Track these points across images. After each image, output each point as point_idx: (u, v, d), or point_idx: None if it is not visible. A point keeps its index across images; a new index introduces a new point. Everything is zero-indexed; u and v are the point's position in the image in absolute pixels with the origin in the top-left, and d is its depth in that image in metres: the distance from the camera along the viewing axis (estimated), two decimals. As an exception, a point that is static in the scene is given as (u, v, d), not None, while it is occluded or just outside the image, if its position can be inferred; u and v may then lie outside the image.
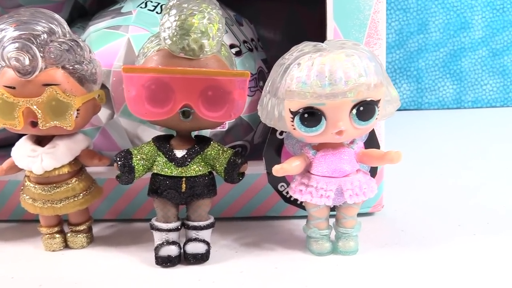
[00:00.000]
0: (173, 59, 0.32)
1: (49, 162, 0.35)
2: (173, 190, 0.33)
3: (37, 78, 0.33)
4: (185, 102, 0.32)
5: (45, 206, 0.36)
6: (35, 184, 0.36)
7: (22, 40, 0.32)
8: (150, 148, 0.34)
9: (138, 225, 0.42)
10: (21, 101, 0.33)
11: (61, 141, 0.36)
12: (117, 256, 0.37)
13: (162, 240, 0.34)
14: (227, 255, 0.36)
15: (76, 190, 0.37)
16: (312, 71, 0.30)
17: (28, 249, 0.39)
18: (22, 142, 0.36)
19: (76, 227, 0.38)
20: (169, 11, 0.31)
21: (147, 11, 0.42)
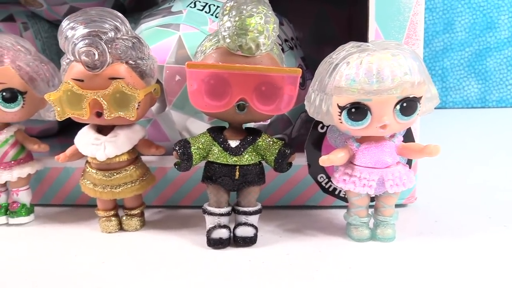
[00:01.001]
0: (230, 56, 0.34)
1: (111, 150, 0.38)
2: (227, 177, 0.36)
3: (104, 72, 0.36)
4: (241, 96, 0.34)
5: (105, 190, 0.39)
6: (97, 170, 0.39)
7: (92, 37, 0.35)
8: (206, 138, 0.37)
9: (184, 211, 0.45)
10: (89, 93, 0.36)
11: (121, 131, 0.39)
12: (169, 239, 0.40)
13: (214, 224, 0.37)
14: (272, 240, 0.39)
15: (133, 177, 0.40)
16: (360, 69, 0.33)
17: (85, 230, 0.42)
18: (85, 131, 0.39)
19: (130, 211, 0.41)
20: (229, 12, 0.34)
21: (197, 11, 0.45)
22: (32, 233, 0.42)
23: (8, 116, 0.41)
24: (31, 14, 0.64)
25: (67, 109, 0.37)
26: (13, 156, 0.43)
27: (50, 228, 0.43)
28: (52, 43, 0.67)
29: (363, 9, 0.42)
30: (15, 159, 0.43)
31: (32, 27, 0.64)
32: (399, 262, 0.35)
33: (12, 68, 0.40)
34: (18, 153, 0.43)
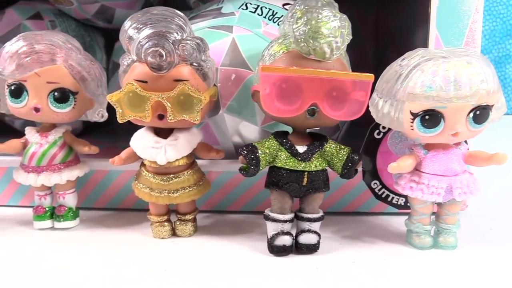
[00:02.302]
0: (302, 60, 0.34)
1: (172, 153, 0.37)
2: (295, 183, 0.35)
3: (169, 73, 0.35)
4: (313, 101, 0.34)
5: (162, 195, 0.38)
6: (154, 174, 0.38)
7: (158, 37, 0.34)
8: (272, 143, 0.36)
9: (234, 216, 0.45)
10: (153, 95, 0.35)
11: (181, 134, 0.38)
12: (226, 245, 0.39)
13: (278, 231, 0.36)
14: (333, 247, 0.38)
15: (190, 181, 0.39)
16: (437, 77, 0.32)
17: (136, 236, 0.41)
18: (142, 134, 0.38)
19: (184, 216, 0.40)
20: (302, 15, 0.33)
21: (249, 13, 0.44)
22: (81, 237, 0.41)
23: (58, 117, 0.40)
24: (58, 12, 0.63)
25: (128, 110, 0.36)
26: (62, 158, 0.41)
27: (99, 233, 0.41)
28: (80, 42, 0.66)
29: (395, 12, 0.41)
30: (64, 161, 0.41)
31: (60, 25, 0.62)
32: (464, 271, 0.35)
33: (64, 67, 0.39)
34: (67, 155, 0.42)
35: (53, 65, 0.39)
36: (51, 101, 0.39)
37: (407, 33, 0.51)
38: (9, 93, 0.39)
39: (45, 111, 0.39)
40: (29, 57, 0.38)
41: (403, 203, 0.44)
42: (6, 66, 0.39)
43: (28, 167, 0.41)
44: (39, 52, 0.38)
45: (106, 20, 0.63)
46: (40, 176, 0.40)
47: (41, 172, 0.41)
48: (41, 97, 0.39)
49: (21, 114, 0.40)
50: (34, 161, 0.40)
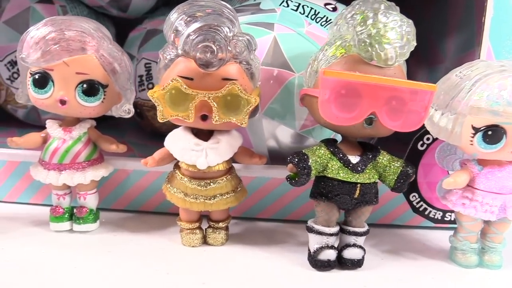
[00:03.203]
0: (363, 66, 0.32)
1: (213, 157, 0.34)
2: (346, 195, 0.33)
3: (218, 71, 0.32)
4: (372, 109, 0.32)
5: (197, 201, 0.36)
6: (190, 178, 0.35)
7: (210, 31, 0.31)
8: (324, 152, 0.34)
9: (263, 224, 0.42)
10: (199, 94, 0.33)
11: (222, 137, 0.35)
12: (263, 256, 0.37)
13: (322, 244, 0.34)
14: (375, 262, 0.36)
15: (228, 188, 0.36)
16: (504, 91, 0.31)
17: (163, 242, 0.38)
18: (180, 134, 0.35)
19: (217, 224, 0.38)
20: (365, 18, 0.31)
21: (291, 11, 0.42)
22: (103, 242, 0.38)
23: (85, 111, 0.37)
24: (70, -3, 0.59)
25: (168, 109, 0.33)
26: (87, 156, 0.38)
27: (122, 237, 0.38)
28: (90, 30, 0.62)
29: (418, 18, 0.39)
30: (88, 159, 0.38)
31: (71, 11, 0.58)
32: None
33: (95, 58, 0.36)
34: (91, 153, 0.38)
35: (83, 55, 0.35)
36: (79, 93, 0.36)
37: (434, 41, 0.50)
38: (32, 82, 0.36)
39: (71, 104, 0.36)
40: (58, 44, 0.35)
41: (440, 217, 0.42)
42: (30, 53, 0.35)
43: (49, 164, 0.37)
44: (69, 39, 0.35)
45: (120, 9, 0.60)
46: (62, 174, 0.37)
47: (64, 170, 0.37)
48: (69, 89, 0.36)
49: (44, 105, 0.37)
50: (56, 157, 0.37)
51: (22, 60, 0.36)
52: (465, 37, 0.44)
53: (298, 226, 0.42)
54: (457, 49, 0.47)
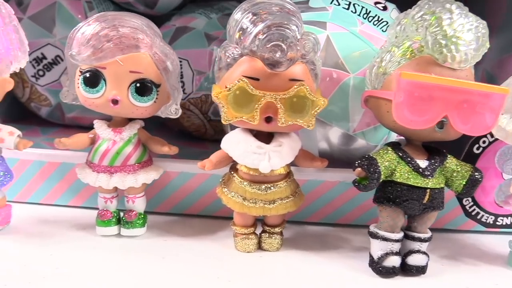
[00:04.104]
0: (435, 67, 0.31)
1: (276, 161, 0.33)
2: (416, 200, 0.32)
3: (285, 72, 0.31)
4: (445, 113, 0.31)
5: (256, 205, 0.34)
6: (250, 182, 0.34)
7: (280, 30, 0.30)
8: (392, 156, 0.33)
9: (312, 228, 0.41)
10: (266, 95, 0.31)
11: (284, 139, 0.34)
12: (318, 261, 0.35)
13: (387, 250, 0.33)
14: (437, 268, 0.35)
15: (287, 192, 0.35)
16: None
17: (216, 247, 0.37)
18: (241, 137, 0.34)
19: (273, 229, 0.36)
20: (440, 19, 0.30)
21: (343, 9, 0.41)
22: (153, 247, 0.36)
23: (137, 112, 0.35)
24: (96, -7, 0.57)
25: (231, 111, 0.32)
26: (137, 158, 0.36)
27: (172, 242, 0.37)
28: (116, 26, 0.60)
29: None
30: (139, 161, 0.36)
31: (97, 7, 0.56)
32: None
33: (149, 56, 0.34)
34: (142, 155, 0.37)
35: (137, 52, 0.34)
36: (132, 93, 0.34)
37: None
38: (83, 81, 0.34)
39: (124, 104, 0.34)
40: (111, 41, 0.33)
41: (492, 221, 0.42)
42: (81, 50, 0.34)
43: (98, 166, 0.36)
44: (122, 36, 0.33)
45: (148, 5, 0.58)
46: (113, 177, 0.36)
47: (114, 173, 0.36)
48: (121, 88, 0.34)
49: (94, 105, 0.35)
50: (106, 160, 0.36)
51: (71, 58, 0.34)
52: (508, 38, 0.44)
53: (348, 230, 0.41)
54: (497, 50, 0.46)
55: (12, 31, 0.36)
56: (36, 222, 0.39)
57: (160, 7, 0.59)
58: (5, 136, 0.35)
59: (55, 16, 0.54)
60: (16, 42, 0.36)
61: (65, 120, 0.60)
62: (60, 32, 0.54)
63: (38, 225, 0.39)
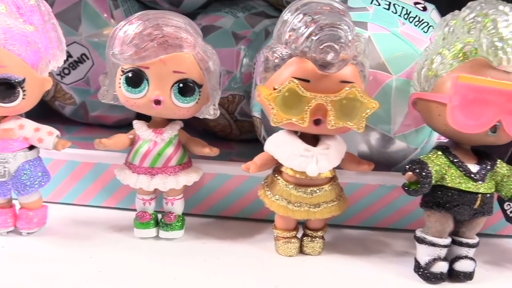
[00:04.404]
0: (490, 71, 0.30)
1: (324, 164, 0.32)
2: (467, 205, 0.32)
3: (336, 73, 0.31)
4: (500, 117, 0.30)
5: (301, 209, 0.34)
6: (295, 185, 0.33)
7: (333, 31, 0.29)
8: (442, 160, 0.32)
9: (350, 232, 0.40)
10: (317, 97, 0.31)
11: (331, 142, 0.33)
12: (362, 266, 0.35)
13: (435, 256, 0.33)
14: (482, 274, 0.35)
15: (332, 196, 0.34)
16: None
17: (257, 251, 0.36)
18: (287, 139, 0.33)
19: (316, 233, 0.36)
20: (496, 22, 0.29)
21: (384, 10, 0.40)
22: (193, 250, 0.35)
23: (179, 112, 0.34)
24: (122, -9, 0.57)
25: (280, 113, 0.31)
26: (178, 159, 0.36)
27: (212, 245, 0.36)
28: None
29: None
30: (180, 163, 0.36)
31: (122, 5, 0.56)
32: None
33: (192, 56, 0.34)
34: (183, 157, 0.36)
35: (180, 52, 0.33)
36: (175, 93, 0.34)
37: None
38: (125, 81, 0.34)
39: (166, 104, 0.34)
40: (155, 40, 0.32)
41: (532, 226, 0.41)
42: (124, 49, 0.33)
43: (139, 167, 0.35)
44: (165, 35, 0.33)
45: (173, 4, 0.57)
46: (154, 179, 0.35)
47: (156, 175, 0.35)
48: (164, 88, 0.34)
49: (135, 106, 0.34)
50: (147, 161, 0.35)
51: (113, 57, 0.34)
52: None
53: (387, 234, 0.40)
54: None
55: (51, 29, 0.35)
56: (71, 223, 0.39)
57: (185, 6, 0.58)
58: (44, 136, 0.35)
59: (81, 14, 0.54)
60: (55, 40, 0.36)
61: (89, 119, 0.59)
62: (86, 30, 0.53)
63: (74, 226, 0.38)
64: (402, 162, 0.40)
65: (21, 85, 0.32)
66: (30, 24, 0.34)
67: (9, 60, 0.32)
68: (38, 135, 0.35)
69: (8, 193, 0.35)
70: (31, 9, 0.34)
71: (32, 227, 0.36)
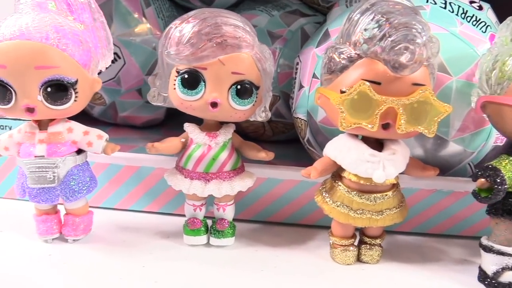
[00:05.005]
0: None
1: (391, 170, 0.31)
2: (537, 213, 0.31)
3: (409, 76, 0.29)
4: None
5: (363, 216, 0.32)
6: (358, 192, 0.32)
7: (409, 30, 0.28)
8: (513, 165, 0.31)
9: (403, 238, 0.39)
10: (388, 100, 0.29)
11: (396, 147, 0.32)
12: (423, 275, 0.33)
13: (503, 265, 0.31)
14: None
15: (394, 202, 0.33)
16: None
17: (313, 258, 0.35)
18: (351, 144, 0.32)
19: (374, 240, 0.34)
20: None
21: (440, 9, 0.39)
22: (249, 259, 0.34)
23: (236, 115, 0.33)
24: (153, -11, 0.55)
25: (348, 116, 0.30)
26: (233, 164, 0.34)
27: (265, 253, 0.35)
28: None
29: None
30: (234, 168, 0.34)
31: (154, 3, 0.54)
32: None
33: (251, 56, 0.32)
34: (237, 161, 0.35)
35: (239, 53, 0.32)
36: (232, 95, 0.32)
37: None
38: (181, 82, 0.32)
39: (223, 107, 0.32)
40: (213, 40, 0.31)
41: None
42: (180, 49, 0.31)
43: (193, 173, 0.34)
44: (224, 35, 0.31)
45: (205, 2, 0.56)
46: (208, 184, 0.34)
47: (210, 180, 0.34)
48: (222, 90, 0.32)
49: (191, 108, 0.33)
50: (202, 166, 0.33)
51: (169, 58, 0.32)
52: None
53: (442, 241, 0.39)
54: None
55: (101, 28, 0.34)
56: (115, 229, 0.38)
57: (217, 3, 0.57)
58: (93, 139, 0.33)
59: (112, 12, 0.52)
60: (104, 40, 0.34)
61: (117, 120, 0.58)
62: (117, 29, 0.51)
63: (118, 232, 0.37)
64: (457, 167, 0.39)
65: (74, 86, 0.31)
66: (81, 23, 0.33)
67: (62, 60, 0.30)
68: (88, 139, 0.33)
69: (56, 199, 0.33)
70: (82, 7, 0.32)
71: (79, 234, 0.35)
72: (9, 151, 0.34)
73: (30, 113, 0.31)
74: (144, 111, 0.57)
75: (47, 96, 0.31)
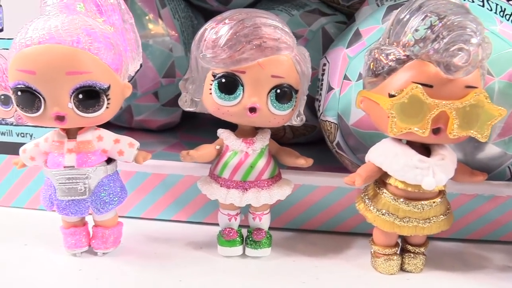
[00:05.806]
0: None
1: (441, 176, 0.30)
2: None
3: (462, 78, 0.28)
4: None
5: (409, 225, 0.31)
6: (406, 199, 0.31)
7: (464, 30, 0.27)
8: None
9: (441, 244, 0.37)
10: (441, 104, 0.28)
11: (445, 152, 0.30)
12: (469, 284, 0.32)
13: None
14: None
15: (442, 210, 0.32)
16: None
17: (354, 269, 0.33)
18: (397, 149, 0.30)
19: (418, 249, 0.33)
20: None
21: (479, 7, 0.37)
22: (288, 270, 0.33)
23: (274, 121, 0.31)
24: (168, -11, 0.53)
25: (399, 121, 0.29)
26: (271, 172, 0.33)
27: (304, 263, 0.34)
28: (188, 25, 0.56)
29: None
30: (272, 175, 0.33)
31: (169, 4, 0.52)
32: None
33: (291, 59, 0.31)
34: (274, 169, 0.33)
35: (278, 55, 0.30)
36: (271, 100, 0.31)
37: None
38: (218, 87, 0.30)
39: (262, 112, 0.31)
40: (252, 42, 0.29)
41: None
42: (217, 52, 0.30)
43: (230, 181, 0.32)
44: (264, 36, 0.30)
45: (221, 2, 0.54)
46: (246, 194, 0.32)
47: (248, 189, 0.32)
48: (261, 95, 0.31)
49: (228, 114, 0.31)
50: (239, 174, 0.32)
51: (204, 61, 0.31)
52: None
53: (482, 247, 0.38)
54: None
55: (130, 30, 0.32)
56: (144, 239, 0.36)
57: (234, 3, 0.55)
58: (125, 148, 0.32)
59: (127, 11, 0.51)
60: (133, 43, 0.32)
61: (132, 123, 0.56)
62: (133, 30, 0.51)
63: (148, 243, 0.36)
64: (496, 170, 0.38)
65: (106, 93, 0.29)
66: (110, 25, 0.31)
67: (94, 65, 0.29)
68: (119, 147, 0.32)
69: (86, 212, 0.32)
70: (111, 8, 0.31)
71: (109, 247, 0.33)
72: (35, 161, 0.32)
73: (59, 122, 0.29)
74: (160, 114, 0.55)
75: (79, 104, 0.29)
